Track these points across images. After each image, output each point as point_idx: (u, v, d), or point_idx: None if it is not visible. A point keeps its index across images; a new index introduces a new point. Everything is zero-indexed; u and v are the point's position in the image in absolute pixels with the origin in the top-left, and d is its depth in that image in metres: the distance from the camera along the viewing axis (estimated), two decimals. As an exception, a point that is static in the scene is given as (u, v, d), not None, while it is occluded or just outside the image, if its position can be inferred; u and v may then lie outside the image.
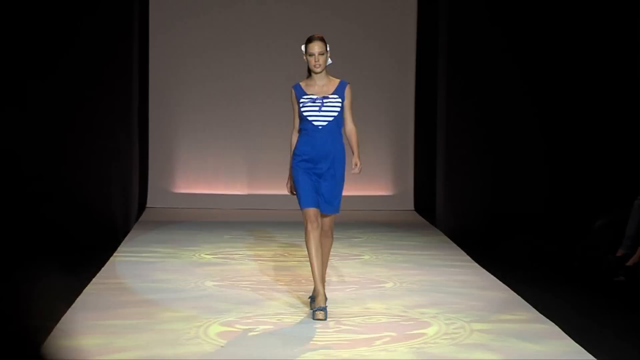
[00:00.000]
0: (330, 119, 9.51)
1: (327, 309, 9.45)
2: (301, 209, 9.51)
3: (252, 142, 18.08)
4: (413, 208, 18.87)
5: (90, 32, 14.80)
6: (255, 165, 18.09)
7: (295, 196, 9.63)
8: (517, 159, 15.02)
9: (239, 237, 14.91)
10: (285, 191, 9.87)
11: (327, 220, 9.63)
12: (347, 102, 9.59)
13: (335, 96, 9.51)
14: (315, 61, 9.42)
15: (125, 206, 15.34)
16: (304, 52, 9.52)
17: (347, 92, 9.58)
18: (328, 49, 9.53)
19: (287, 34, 17.70)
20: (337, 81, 9.60)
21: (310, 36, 9.55)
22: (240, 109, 18.09)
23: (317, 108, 9.45)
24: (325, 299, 9.49)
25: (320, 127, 9.48)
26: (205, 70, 18.08)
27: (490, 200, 14.94)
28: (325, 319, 9.30)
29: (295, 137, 9.68)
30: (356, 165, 9.48)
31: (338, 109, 9.51)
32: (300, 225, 9.68)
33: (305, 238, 9.49)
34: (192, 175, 18.13)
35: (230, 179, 18.10)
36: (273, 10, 18.18)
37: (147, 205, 17.82)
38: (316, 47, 9.43)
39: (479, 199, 14.97)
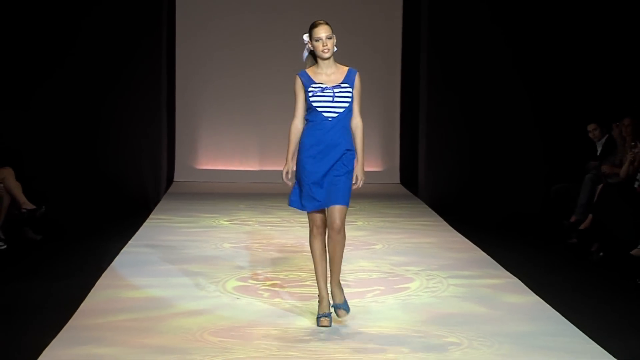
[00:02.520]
0: (341, 110, 7.66)
1: (333, 314, 7.75)
2: (306, 211, 7.78)
3: (262, 126, 18.03)
4: (399, 182, 18.85)
5: (127, 30, 14.77)
6: (265, 146, 18.03)
7: (290, 185, 7.85)
8: (488, 138, 15.01)
9: (252, 206, 14.92)
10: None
11: (337, 215, 7.60)
12: (356, 92, 7.74)
13: (346, 85, 7.69)
14: (323, 45, 7.64)
15: (156, 180, 15.35)
16: (307, 41, 7.76)
17: (357, 80, 7.74)
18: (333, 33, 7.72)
19: (293, 30, 17.60)
20: (345, 69, 7.80)
21: (314, 22, 7.77)
22: (252, 98, 18.05)
23: (329, 99, 7.64)
24: (330, 304, 7.74)
25: (330, 119, 7.65)
26: (224, 64, 18.00)
27: (464, 175, 14.96)
28: (330, 326, 7.65)
29: (297, 127, 7.80)
30: (357, 178, 7.73)
31: (349, 99, 7.68)
32: None
33: (310, 241, 7.84)
34: (212, 154, 18.12)
35: (244, 157, 18.08)
36: (282, 9, 18.02)
37: (174, 179, 17.82)
38: (322, 31, 7.66)
39: (455, 174, 14.98)
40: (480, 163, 14.97)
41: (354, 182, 7.70)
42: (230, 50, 18.01)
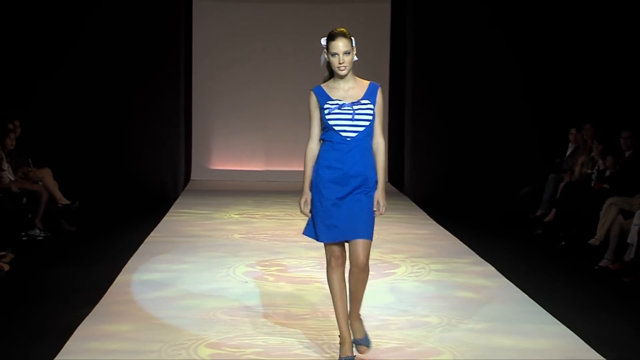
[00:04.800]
0: (362, 129, 5.95)
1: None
2: (322, 242, 6.10)
3: (267, 132, 17.99)
4: (387, 180, 18.83)
5: (150, 47, 14.74)
6: (269, 149, 17.99)
7: (309, 217, 6.12)
8: (467, 140, 14.94)
9: (258, 201, 14.91)
10: (293, 167, 6.14)
11: (361, 252, 6.04)
12: (377, 109, 6.01)
13: (367, 101, 5.98)
14: (339, 63, 5.92)
15: (175, 178, 15.35)
16: (324, 49, 6.00)
17: (379, 96, 6.04)
18: (354, 44, 5.99)
19: (298, 39, 17.57)
20: (366, 83, 6.09)
21: (332, 32, 5.99)
22: (259, 108, 18.00)
23: (349, 117, 5.92)
24: (352, 346, 6.15)
25: (349, 139, 5.94)
26: (235, 78, 17.92)
27: (446, 174, 14.91)
28: None
29: (313, 150, 6.10)
30: (379, 204, 6.07)
31: (370, 117, 5.97)
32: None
33: (328, 274, 6.16)
34: (224, 156, 18.11)
35: (252, 158, 18.07)
36: (287, 29, 17.95)
37: (191, 178, 17.80)
38: (340, 44, 5.91)
39: (437, 173, 14.92)
40: (459, 164, 14.92)
41: (375, 208, 6.05)
42: (240, 67, 17.97)
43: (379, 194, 6.05)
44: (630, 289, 8.86)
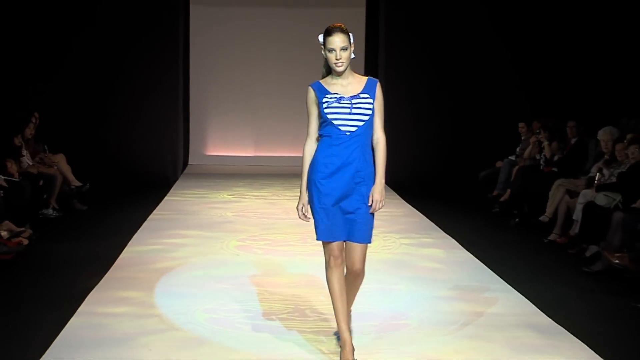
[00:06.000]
0: (361, 123, 5.25)
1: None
2: (321, 241, 5.38)
3: (257, 122, 17.89)
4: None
5: (150, 40, 14.65)
6: (258, 137, 17.90)
7: (307, 221, 5.44)
8: (433, 134, 14.92)
9: (248, 184, 14.88)
10: (279, 153, 5.01)
11: (358, 256, 5.38)
12: (377, 104, 5.33)
13: (366, 95, 5.30)
14: (336, 58, 5.24)
15: (174, 163, 15.29)
16: (321, 45, 5.30)
17: (378, 91, 5.36)
18: (352, 40, 5.31)
19: (282, 41, 17.54)
20: (364, 78, 5.41)
21: (329, 27, 5.30)
22: (248, 101, 17.93)
23: (347, 110, 5.23)
24: (353, 349, 5.40)
25: (348, 134, 5.23)
26: (228, 78, 17.85)
27: (414, 161, 14.86)
28: None
29: (310, 147, 5.37)
30: (372, 199, 5.29)
31: (370, 112, 5.27)
32: (290, 176, 5.34)
33: (327, 275, 5.40)
34: (218, 143, 18.03)
35: (243, 145, 18.03)
36: (283, 16, 17.82)
37: (189, 163, 17.76)
38: (337, 40, 5.22)
39: (408, 162, 14.77)
40: (427, 151, 14.90)
41: (369, 203, 5.31)
42: (232, 68, 17.88)
43: (375, 189, 5.30)
44: (574, 259, 8.95)
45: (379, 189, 5.30)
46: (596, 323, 6.55)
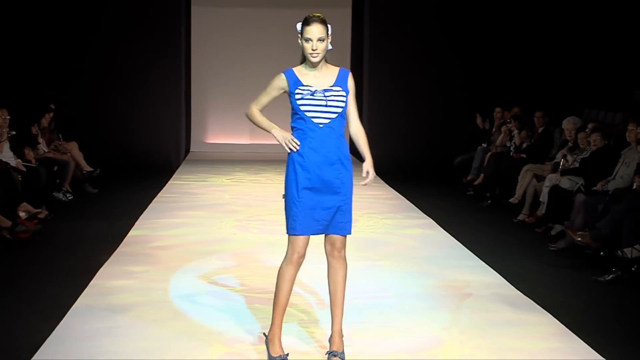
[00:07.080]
0: (334, 115, 4.79)
1: None
2: (290, 234, 4.91)
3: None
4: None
5: (150, 41, 14.60)
6: (254, 126, 17.62)
7: (297, 147, 4.87)
8: (412, 124, 14.87)
9: (245, 169, 14.84)
10: (273, 140, 5.02)
11: (339, 242, 4.90)
12: (350, 96, 4.87)
13: (339, 88, 4.80)
14: (312, 49, 4.71)
15: (177, 149, 15.22)
16: (298, 34, 4.77)
17: (350, 82, 4.88)
18: (330, 32, 4.77)
19: (273, 37, 17.45)
20: (336, 69, 4.88)
21: (307, 16, 4.78)
22: (244, 93, 17.66)
23: (322, 103, 4.75)
24: (281, 346, 4.86)
25: (321, 126, 4.78)
26: (226, 71, 17.77)
27: (394, 148, 14.82)
28: None
29: (255, 110, 5.22)
30: (368, 173, 5.02)
31: (343, 104, 4.80)
32: (283, 162, 5.09)
33: (281, 267, 4.91)
34: (217, 132, 17.97)
35: (240, 134, 17.96)
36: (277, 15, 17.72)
37: (191, 150, 17.71)
38: (315, 30, 4.70)
39: (388, 148, 14.72)
40: (407, 139, 14.88)
41: (363, 176, 5.01)
42: (230, 63, 17.82)
43: (368, 166, 4.99)
44: (541, 237, 8.98)
45: (371, 164, 5.00)
46: (560, 295, 6.59)
